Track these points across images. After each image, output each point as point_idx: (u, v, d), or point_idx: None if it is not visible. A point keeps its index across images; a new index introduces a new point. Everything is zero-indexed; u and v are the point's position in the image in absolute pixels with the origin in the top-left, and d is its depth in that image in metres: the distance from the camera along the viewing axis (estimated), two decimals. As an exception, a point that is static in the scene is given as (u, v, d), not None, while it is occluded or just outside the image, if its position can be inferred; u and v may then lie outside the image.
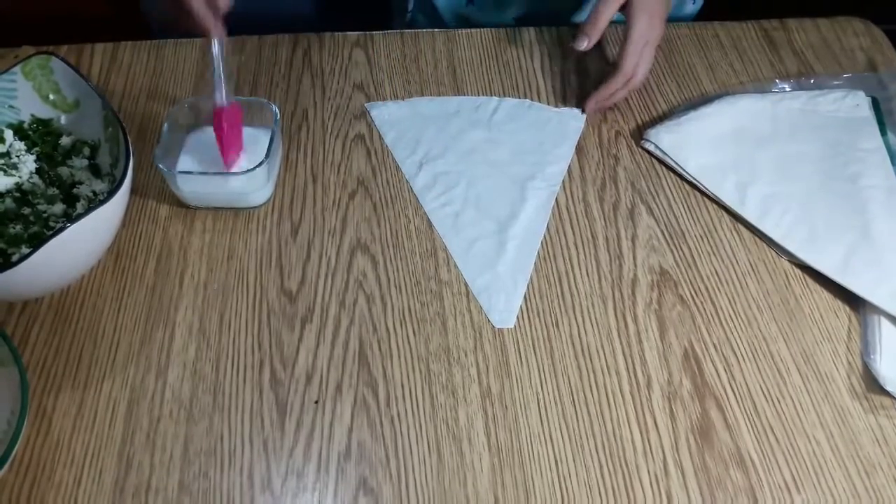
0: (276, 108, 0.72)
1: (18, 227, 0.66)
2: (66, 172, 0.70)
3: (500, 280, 0.68)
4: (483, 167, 0.77)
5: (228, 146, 0.70)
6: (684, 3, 0.98)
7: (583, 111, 0.82)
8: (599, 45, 0.86)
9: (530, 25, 0.91)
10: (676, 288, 0.68)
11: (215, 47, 0.68)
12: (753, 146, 0.77)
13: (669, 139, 0.77)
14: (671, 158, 0.76)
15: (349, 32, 0.89)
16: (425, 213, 0.73)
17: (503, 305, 0.66)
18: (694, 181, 0.75)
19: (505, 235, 0.71)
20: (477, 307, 0.66)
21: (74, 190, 0.69)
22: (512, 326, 0.65)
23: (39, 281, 0.59)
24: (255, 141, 0.72)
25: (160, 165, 0.67)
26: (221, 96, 0.70)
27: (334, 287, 0.67)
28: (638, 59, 0.77)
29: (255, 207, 0.72)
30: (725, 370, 0.63)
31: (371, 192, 0.75)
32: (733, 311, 0.67)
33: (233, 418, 0.60)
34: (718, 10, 0.96)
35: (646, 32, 0.77)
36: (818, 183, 0.74)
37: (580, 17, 0.98)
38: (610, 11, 0.77)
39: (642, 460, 0.58)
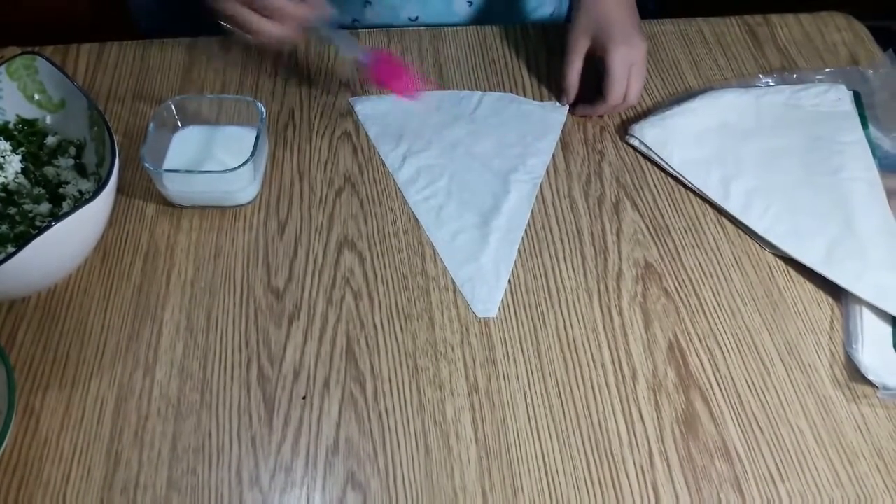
0: (261, 107, 0.73)
1: (4, 227, 0.66)
2: (51, 172, 0.70)
3: (483, 271, 0.69)
4: (466, 160, 0.77)
5: (401, 87, 0.78)
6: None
7: (565, 103, 0.82)
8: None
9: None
10: (661, 281, 0.69)
11: (323, 26, 0.74)
12: (737, 140, 0.78)
13: (654, 134, 0.78)
14: (655, 153, 0.77)
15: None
16: (412, 210, 0.73)
17: (486, 296, 0.67)
18: (678, 175, 0.76)
19: (488, 227, 0.71)
20: (464, 302, 0.67)
21: (60, 189, 0.69)
22: (494, 316, 0.66)
23: (26, 280, 0.60)
24: (241, 139, 0.72)
25: (146, 164, 0.68)
26: (362, 55, 0.78)
27: (321, 284, 0.68)
28: (625, 86, 0.77)
29: (242, 205, 0.73)
30: (710, 362, 0.64)
31: (358, 189, 0.75)
32: (717, 303, 0.67)
33: (221, 415, 0.60)
34: (702, 6, 0.96)
35: (627, 58, 0.76)
36: (801, 176, 0.75)
37: (542, 12, 0.99)
38: (576, 67, 0.79)
39: (628, 452, 0.59)
